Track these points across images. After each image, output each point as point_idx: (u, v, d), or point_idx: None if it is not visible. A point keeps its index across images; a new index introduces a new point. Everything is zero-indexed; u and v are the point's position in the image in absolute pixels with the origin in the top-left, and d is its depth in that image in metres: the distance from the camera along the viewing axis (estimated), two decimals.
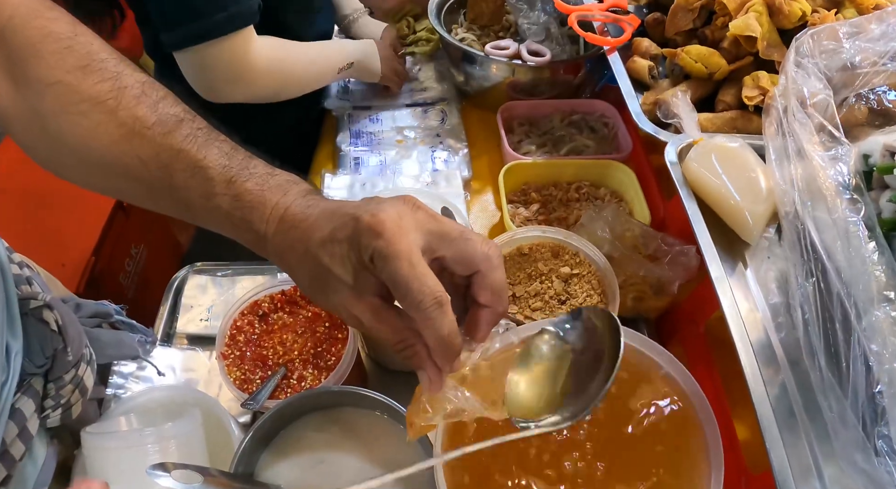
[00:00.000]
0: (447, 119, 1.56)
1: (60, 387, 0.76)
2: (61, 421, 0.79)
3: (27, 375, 0.73)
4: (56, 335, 0.75)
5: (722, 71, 1.08)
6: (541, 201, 1.32)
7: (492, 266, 0.57)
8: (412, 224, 0.54)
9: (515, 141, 1.44)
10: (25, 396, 0.72)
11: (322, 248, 0.56)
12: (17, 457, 0.70)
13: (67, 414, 0.79)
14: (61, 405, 0.77)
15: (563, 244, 0.99)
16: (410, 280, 0.52)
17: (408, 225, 0.53)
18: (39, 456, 0.80)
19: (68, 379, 0.77)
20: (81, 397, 0.80)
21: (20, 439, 0.71)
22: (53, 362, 0.75)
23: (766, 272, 0.85)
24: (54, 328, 0.74)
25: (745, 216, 0.84)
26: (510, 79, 1.49)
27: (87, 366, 0.81)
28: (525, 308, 0.95)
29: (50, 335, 0.74)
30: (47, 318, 0.74)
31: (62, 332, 0.75)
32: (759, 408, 0.69)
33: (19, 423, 0.71)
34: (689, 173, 0.89)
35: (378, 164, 1.43)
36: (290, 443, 0.87)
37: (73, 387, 0.78)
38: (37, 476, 0.78)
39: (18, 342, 0.71)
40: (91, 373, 0.83)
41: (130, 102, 0.61)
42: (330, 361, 0.96)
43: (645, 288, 1.08)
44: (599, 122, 1.48)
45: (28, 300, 0.73)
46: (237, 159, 0.61)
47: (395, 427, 0.88)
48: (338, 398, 0.87)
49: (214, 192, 0.59)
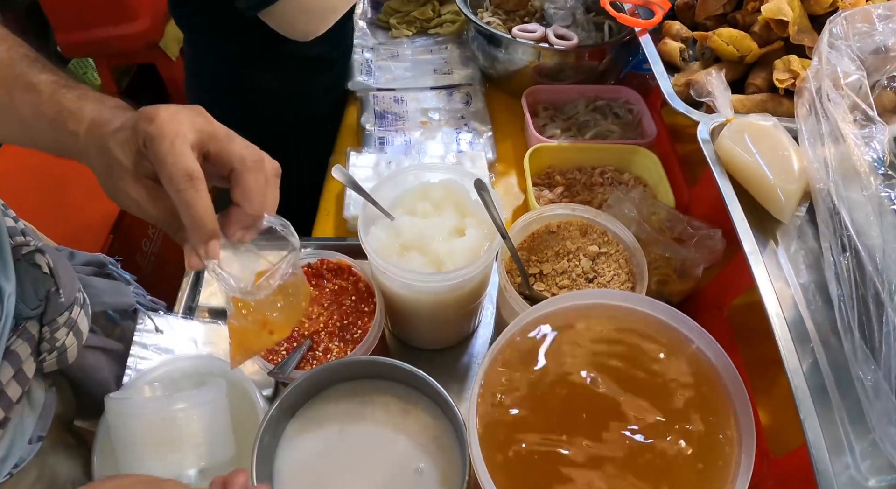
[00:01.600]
0: (472, 102, 1.56)
1: (55, 330, 0.78)
2: (58, 365, 0.81)
3: (22, 319, 0.76)
4: (48, 277, 0.78)
5: (753, 54, 1.08)
6: (565, 185, 1.32)
7: (245, 166, 0.64)
8: (186, 120, 0.61)
9: (540, 125, 1.44)
10: (20, 339, 0.75)
11: (112, 137, 0.62)
12: (13, 398, 0.72)
13: (63, 357, 0.80)
14: (56, 348, 0.79)
15: (591, 223, 0.98)
16: (167, 154, 0.59)
17: (182, 119, 0.60)
18: (38, 402, 0.81)
19: (62, 321, 0.79)
20: (77, 341, 0.82)
21: (16, 381, 0.73)
22: (47, 305, 0.77)
23: (797, 251, 0.85)
24: (46, 271, 0.78)
25: (777, 194, 0.84)
26: (536, 63, 1.49)
27: (80, 310, 0.83)
28: (552, 285, 0.95)
29: (42, 278, 0.77)
30: (39, 262, 0.77)
31: (54, 275, 0.78)
32: (794, 381, 0.70)
33: (14, 365, 0.73)
34: (722, 151, 0.89)
35: (403, 144, 1.44)
36: (316, 413, 0.87)
37: (67, 329, 0.80)
38: (35, 421, 0.80)
39: (11, 284, 0.73)
40: (86, 318, 0.84)
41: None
42: (356, 334, 0.96)
43: (669, 271, 1.08)
44: (624, 108, 1.48)
45: (20, 247, 0.77)
46: (66, 78, 0.68)
47: (423, 400, 0.88)
48: (367, 369, 0.88)
49: (41, 101, 0.66)
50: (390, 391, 0.89)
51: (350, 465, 0.83)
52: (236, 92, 1.53)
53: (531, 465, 0.67)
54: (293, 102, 1.57)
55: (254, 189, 0.64)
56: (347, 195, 1.29)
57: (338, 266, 1.02)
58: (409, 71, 1.66)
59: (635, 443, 0.68)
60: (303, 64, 1.51)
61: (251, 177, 0.64)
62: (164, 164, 0.59)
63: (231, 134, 0.64)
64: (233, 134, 0.65)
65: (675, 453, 0.68)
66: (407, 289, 0.94)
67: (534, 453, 0.68)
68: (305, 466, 0.83)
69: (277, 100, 1.55)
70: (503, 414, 0.70)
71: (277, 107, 1.57)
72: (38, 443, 0.80)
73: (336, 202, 1.36)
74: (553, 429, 0.69)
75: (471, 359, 1.12)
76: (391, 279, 0.93)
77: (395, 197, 1.00)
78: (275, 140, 1.53)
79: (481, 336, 1.15)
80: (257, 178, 0.64)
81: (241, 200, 0.65)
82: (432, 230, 0.95)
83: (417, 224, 0.96)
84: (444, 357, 1.11)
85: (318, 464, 0.83)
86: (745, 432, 0.68)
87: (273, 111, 1.56)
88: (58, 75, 0.68)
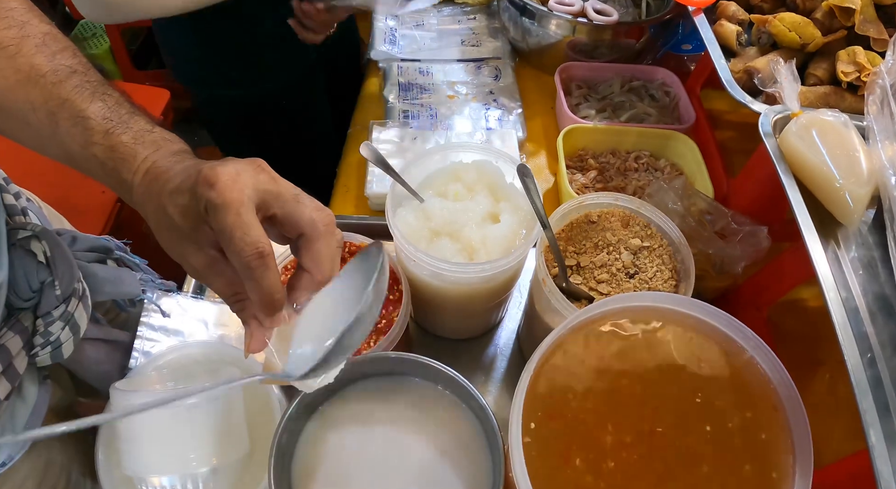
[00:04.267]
0: (501, 77, 1.48)
1: (49, 324, 0.73)
2: (52, 360, 0.75)
3: (15, 310, 0.71)
4: (43, 267, 0.73)
5: (816, 42, 1.01)
6: (598, 168, 1.25)
7: (316, 231, 0.59)
8: (249, 181, 0.55)
9: (573, 104, 1.37)
10: (12, 332, 0.70)
11: (170, 198, 0.57)
12: (1, 396, 0.68)
13: (58, 352, 0.75)
14: (50, 343, 0.74)
15: (634, 214, 0.92)
16: (234, 229, 0.53)
17: (244, 181, 0.55)
18: (30, 396, 0.76)
19: (57, 315, 0.74)
20: (73, 335, 0.76)
21: (5, 377, 0.68)
22: (41, 296, 0.73)
23: (859, 258, 0.79)
24: (42, 260, 0.73)
25: (845, 198, 0.78)
26: (570, 37, 1.41)
27: (78, 302, 0.77)
28: (590, 279, 0.89)
29: (36, 267, 0.72)
30: (35, 249, 0.73)
31: (50, 265, 0.73)
32: (859, 392, 0.66)
33: (4, 360, 0.68)
34: (786, 147, 0.82)
35: (429, 118, 1.36)
36: (338, 412, 0.82)
37: (62, 323, 0.74)
38: (28, 417, 0.75)
39: (3, 272, 0.68)
40: (84, 311, 0.79)
41: (30, 51, 0.62)
42: (380, 324, 0.90)
43: (707, 266, 1.02)
44: (660, 90, 1.41)
45: (17, 230, 0.72)
46: (119, 113, 0.62)
47: (450, 398, 0.83)
48: (394, 365, 0.82)
49: (92, 141, 0.60)
50: (416, 388, 0.84)
51: (373, 466, 0.78)
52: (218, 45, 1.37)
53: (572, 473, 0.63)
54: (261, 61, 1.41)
55: (325, 256, 0.59)
56: (370, 171, 1.22)
57: (360, 249, 0.96)
58: (435, 41, 1.58)
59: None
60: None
61: (323, 244, 0.59)
62: (231, 239, 0.54)
63: (299, 194, 0.59)
64: (300, 194, 0.59)
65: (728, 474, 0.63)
66: (436, 279, 0.89)
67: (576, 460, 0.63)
68: (326, 467, 0.78)
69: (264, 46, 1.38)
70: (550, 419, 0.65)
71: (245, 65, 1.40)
72: None
73: (357, 178, 1.30)
74: (599, 439, 0.64)
75: (496, 350, 1.07)
76: (420, 267, 0.87)
77: (424, 177, 0.94)
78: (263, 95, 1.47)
79: (506, 327, 1.10)
80: (329, 243, 0.60)
81: (311, 268, 0.60)
82: (464, 215, 0.89)
83: (448, 207, 0.90)
84: (470, 347, 1.06)
85: (339, 464, 0.78)
86: (800, 454, 0.63)
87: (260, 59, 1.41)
88: (111, 107, 0.62)
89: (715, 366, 0.70)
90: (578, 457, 0.63)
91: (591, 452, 0.63)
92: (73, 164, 0.63)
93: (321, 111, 1.59)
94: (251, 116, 1.49)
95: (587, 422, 0.65)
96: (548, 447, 0.63)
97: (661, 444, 0.64)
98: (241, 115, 1.49)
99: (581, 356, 0.69)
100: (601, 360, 0.69)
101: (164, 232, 0.59)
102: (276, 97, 1.46)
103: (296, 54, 1.41)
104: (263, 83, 1.44)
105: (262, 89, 1.44)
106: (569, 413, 0.65)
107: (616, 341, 0.70)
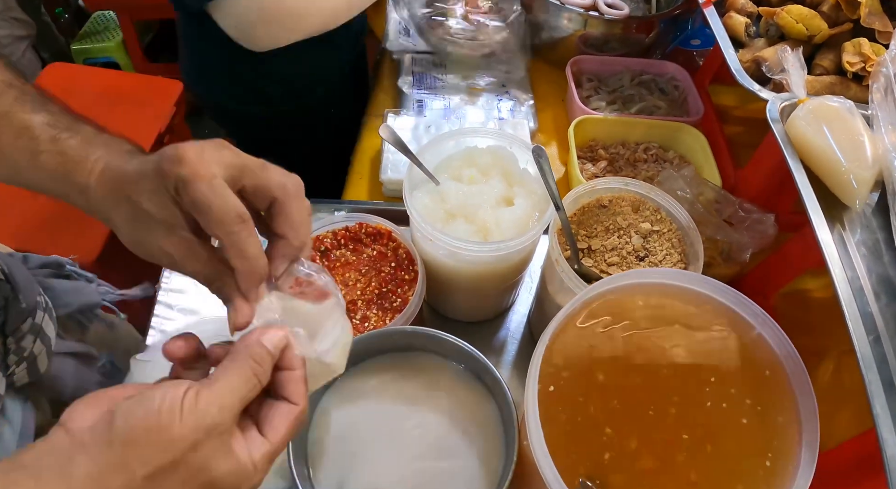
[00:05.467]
0: (513, 70, 1.51)
1: (20, 339, 0.73)
2: (29, 377, 0.75)
3: None
4: (3, 283, 0.72)
5: (822, 34, 1.03)
6: (608, 159, 1.28)
7: (287, 194, 0.58)
8: (214, 156, 0.54)
9: (584, 96, 1.39)
10: None
11: (135, 187, 0.55)
12: None
13: (34, 368, 0.75)
14: (25, 359, 0.74)
15: (644, 198, 0.95)
16: (211, 199, 0.52)
17: (210, 157, 0.54)
18: (15, 418, 0.76)
19: (26, 328, 0.74)
20: (45, 347, 0.76)
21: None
22: (7, 313, 0.72)
23: (863, 240, 0.82)
24: (1, 277, 0.72)
25: (850, 180, 0.80)
26: (581, 31, 1.44)
27: (44, 314, 0.78)
28: (601, 262, 0.92)
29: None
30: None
31: (10, 281, 0.73)
32: (868, 374, 0.67)
33: None
34: (793, 132, 0.85)
35: (442, 108, 1.39)
36: (354, 386, 0.84)
37: (33, 336, 0.75)
38: (16, 439, 0.75)
39: None
40: (51, 322, 0.79)
41: None
42: (395, 303, 0.93)
43: (715, 254, 1.04)
44: (670, 84, 1.43)
45: None
46: (64, 120, 0.61)
47: (466, 374, 0.85)
48: (410, 340, 0.85)
49: (39, 150, 0.59)
50: (431, 363, 0.86)
51: (387, 438, 0.81)
52: (239, 76, 1.39)
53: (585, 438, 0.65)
54: (302, 84, 1.46)
55: (298, 217, 0.59)
56: (385, 157, 1.24)
57: (377, 230, 0.99)
58: None
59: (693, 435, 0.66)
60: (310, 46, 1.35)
61: (295, 204, 0.58)
62: (209, 209, 0.53)
63: (264, 163, 0.58)
64: (265, 163, 0.58)
65: (736, 442, 0.66)
66: (451, 258, 0.91)
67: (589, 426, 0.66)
68: (340, 439, 0.81)
69: (276, 82, 1.42)
70: (563, 394, 0.67)
71: (277, 88, 1.44)
72: None
73: (371, 165, 1.32)
74: (613, 411, 0.67)
75: (507, 333, 1.09)
76: (435, 246, 0.90)
77: (440, 161, 0.97)
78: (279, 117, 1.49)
79: (517, 312, 1.12)
80: (300, 205, 0.59)
81: (286, 231, 0.58)
82: (479, 197, 0.91)
83: (464, 190, 0.92)
84: (481, 330, 1.08)
85: (353, 437, 0.81)
86: (806, 424, 0.66)
87: (273, 91, 1.44)
88: (54, 115, 0.61)
89: (724, 341, 0.72)
90: (593, 414, 0.66)
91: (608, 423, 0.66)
92: (20, 178, 0.61)
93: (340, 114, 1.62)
94: (269, 128, 1.53)
95: (601, 395, 0.67)
96: (564, 404, 0.66)
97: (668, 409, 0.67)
98: (259, 126, 1.54)
99: (594, 327, 0.71)
100: (612, 332, 0.71)
101: (130, 226, 0.57)
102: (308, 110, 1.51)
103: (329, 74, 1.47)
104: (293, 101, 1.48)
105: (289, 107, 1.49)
106: (583, 381, 0.68)
107: (626, 315, 0.72)
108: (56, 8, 2.93)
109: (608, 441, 0.65)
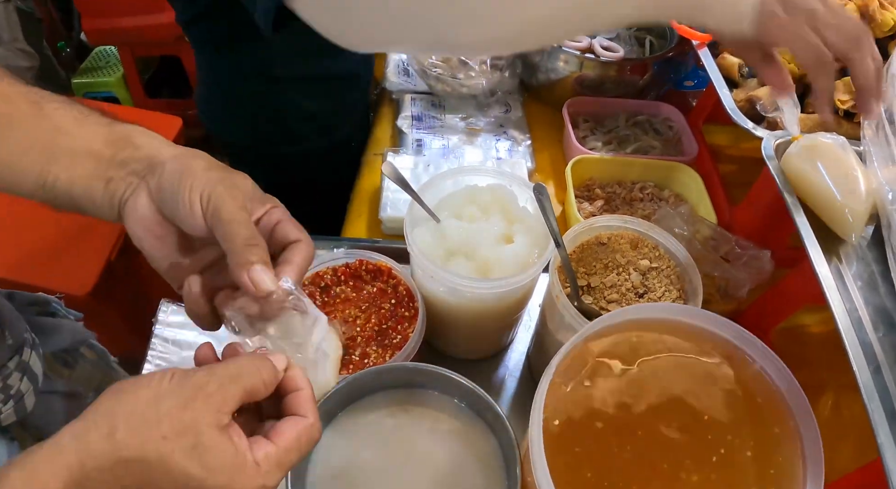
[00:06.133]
0: (511, 110, 1.53)
1: (7, 377, 0.73)
2: (17, 415, 0.75)
3: None
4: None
5: None
6: (605, 198, 1.29)
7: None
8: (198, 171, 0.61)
9: (580, 136, 1.41)
10: None
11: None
12: None
13: (21, 405, 0.75)
14: (12, 397, 0.73)
15: (643, 236, 0.96)
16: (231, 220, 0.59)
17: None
18: (0, 457, 0.75)
19: (13, 366, 0.74)
20: (32, 385, 0.76)
21: None
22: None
23: (860, 272, 0.82)
24: None
25: (845, 214, 0.82)
26: (577, 73, 1.46)
27: (31, 351, 0.78)
28: (600, 299, 0.92)
29: None
30: None
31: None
32: (871, 405, 0.67)
33: None
34: (788, 168, 0.86)
35: (441, 147, 1.41)
36: (354, 421, 0.84)
37: (20, 374, 0.74)
38: None
39: None
40: (38, 359, 0.79)
41: None
42: (396, 339, 0.93)
43: (713, 290, 1.05)
44: (664, 124, 1.45)
45: None
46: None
47: (468, 412, 0.85)
48: (410, 376, 0.84)
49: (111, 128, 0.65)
50: (433, 399, 0.86)
51: (388, 476, 0.80)
52: (257, 110, 1.43)
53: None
54: (320, 120, 1.49)
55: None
56: (385, 195, 1.26)
57: (377, 267, 0.99)
58: None
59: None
60: (331, 82, 1.42)
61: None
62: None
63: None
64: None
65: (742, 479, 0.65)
66: (452, 295, 0.91)
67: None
68: (341, 476, 0.80)
69: (302, 118, 1.46)
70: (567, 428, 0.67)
71: (302, 125, 1.48)
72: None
73: (370, 203, 1.33)
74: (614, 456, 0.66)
75: (506, 371, 1.09)
76: (436, 283, 0.90)
77: (440, 199, 0.98)
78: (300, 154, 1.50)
79: (516, 349, 1.12)
80: None
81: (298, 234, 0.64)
82: (479, 235, 0.92)
83: (464, 228, 0.93)
84: (480, 368, 1.08)
85: (354, 474, 0.80)
86: (810, 458, 0.66)
87: (298, 128, 1.48)
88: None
89: (724, 375, 0.72)
90: (593, 463, 0.65)
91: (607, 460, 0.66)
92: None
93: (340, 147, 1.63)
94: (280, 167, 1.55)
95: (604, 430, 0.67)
96: (567, 446, 0.66)
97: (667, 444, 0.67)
98: (271, 164, 1.55)
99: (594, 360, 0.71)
100: (615, 370, 0.71)
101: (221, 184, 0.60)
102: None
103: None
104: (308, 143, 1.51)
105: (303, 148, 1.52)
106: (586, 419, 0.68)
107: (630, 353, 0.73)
108: (58, 42, 2.98)
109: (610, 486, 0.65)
